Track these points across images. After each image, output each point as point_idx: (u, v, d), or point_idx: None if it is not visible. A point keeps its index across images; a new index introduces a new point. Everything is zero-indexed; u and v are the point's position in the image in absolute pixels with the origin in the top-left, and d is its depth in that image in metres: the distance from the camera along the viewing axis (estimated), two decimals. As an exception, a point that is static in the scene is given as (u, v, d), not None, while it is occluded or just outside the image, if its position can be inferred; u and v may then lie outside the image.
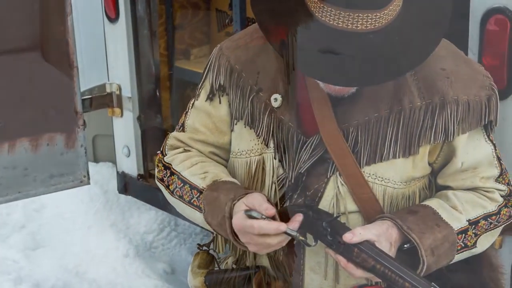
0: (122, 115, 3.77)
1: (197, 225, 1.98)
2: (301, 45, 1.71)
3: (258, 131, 1.91)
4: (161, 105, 3.88)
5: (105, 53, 3.76)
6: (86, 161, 3.31)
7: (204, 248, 2.12)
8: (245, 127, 1.93)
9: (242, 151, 1.94)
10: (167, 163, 1.99)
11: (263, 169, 1.91)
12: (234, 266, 2.04)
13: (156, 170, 2.03)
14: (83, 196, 4.39)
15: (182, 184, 1.94)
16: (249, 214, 1.73)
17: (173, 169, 1.97)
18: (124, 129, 3.82)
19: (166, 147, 2.04)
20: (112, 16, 3.60)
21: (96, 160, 4.76)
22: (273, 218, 1.73)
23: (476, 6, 2.26)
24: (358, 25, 1.67)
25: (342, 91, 1.81)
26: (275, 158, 1.89)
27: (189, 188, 1.92)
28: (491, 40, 2.23)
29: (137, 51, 3.65)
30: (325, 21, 1.69)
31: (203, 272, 2.04)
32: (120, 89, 3.72)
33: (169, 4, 3.88)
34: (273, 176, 1.89)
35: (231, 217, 1.79)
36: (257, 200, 1.76)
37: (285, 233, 1.72)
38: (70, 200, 4.34)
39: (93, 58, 3.99)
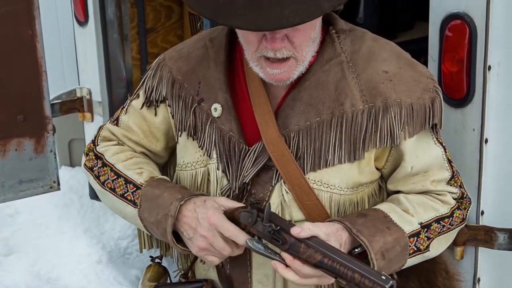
0: (92, 120, 3.72)
1: (122, 218, 1.97)
2: None
3: (201, 142, 1.88)
4: (134, 110, 3.83)
5: (75, 57, 3.72)
6: (56, 166, 3.26)
7: (157, 260, 2.08)
8: (188, 138, 1.91)
9: (188, 163, 1.91)
10: (99, 153, 1.99)
11: (208, 180, 1.88)
12: (181, 279, 1.99)
13: (85, 158, 2.02)
14: (57, 201, 4.34)
15: (115, 177, 1.93)
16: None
17: (106, 160, 1.97)
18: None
19: (99, 137, 2.04)
20: (82, 19, 3.57)
21: (72, 165, 4.71)
22: None
23: (435, 11, 2.23)
24: None
25: (281, 77, 1.75)
26: (218, 169, 1.85)
27: (123, 182, 1.91)
28: (450, 46, 2.19)
29: (107, 55, 3.61)
30: None
31: (151, 285, 2.00)
32: (90, 93, 3.68)
33: (141, 7, 3.84)
34: (217, 188, 1.86)
35: (175, 217, 1.77)
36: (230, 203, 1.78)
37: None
38: (44, 205, 4.29)
39: (73, 61, 3.94)
